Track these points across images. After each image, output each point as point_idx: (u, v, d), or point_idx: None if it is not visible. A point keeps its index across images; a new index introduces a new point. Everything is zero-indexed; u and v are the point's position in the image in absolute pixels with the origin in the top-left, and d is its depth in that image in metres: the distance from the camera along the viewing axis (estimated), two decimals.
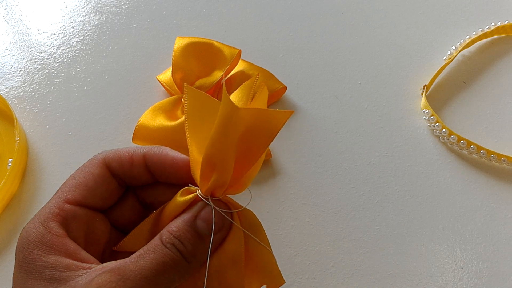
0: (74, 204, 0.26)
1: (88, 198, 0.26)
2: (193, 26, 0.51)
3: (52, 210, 0.25)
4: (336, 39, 0.51)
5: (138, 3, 0.53)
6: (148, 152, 0.27)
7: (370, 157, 0.43)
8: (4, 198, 0.39)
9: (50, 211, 0.25)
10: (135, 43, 0.50)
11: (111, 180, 0.27)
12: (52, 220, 0.25)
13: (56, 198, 0.26)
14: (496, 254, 0.39)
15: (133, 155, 0.27)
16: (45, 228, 0.24)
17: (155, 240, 0.24)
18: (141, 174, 0.27)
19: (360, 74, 0.48)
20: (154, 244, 0.24)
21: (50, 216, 0.25)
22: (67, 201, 0.26)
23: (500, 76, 0.49)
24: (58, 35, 0.50)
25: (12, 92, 0.46)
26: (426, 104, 0.45)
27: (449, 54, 0.49)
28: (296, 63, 0.49)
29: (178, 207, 0.26)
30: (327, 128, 0.45)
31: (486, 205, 0.41)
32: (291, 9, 0.53)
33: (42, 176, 0.42)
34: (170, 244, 0.24)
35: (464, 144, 0.43)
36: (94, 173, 0.27)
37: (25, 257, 0.23)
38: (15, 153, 0.40)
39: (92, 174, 0.27)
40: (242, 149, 0.25)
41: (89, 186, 0.26)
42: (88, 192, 0.26)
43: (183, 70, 0.43)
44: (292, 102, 0.46)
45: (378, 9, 0.53)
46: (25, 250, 0.24)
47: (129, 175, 0.27)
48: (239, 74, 0.45)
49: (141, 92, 0.46)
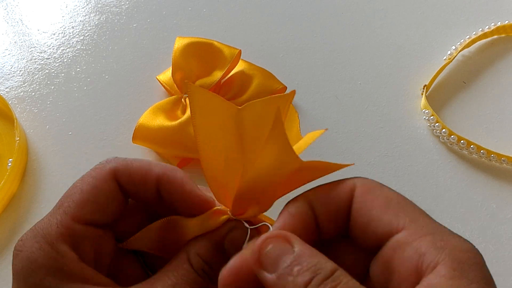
0: (83, 223, 0.24)
1: (97, 215, 0.24)
2: (193, 26, 0.51)
3: (59, 229, 0.23)
4: (336, 39, 0.51)
5: (138, 3, 0.53)
6: (163, 177, 0.25)
7: (370, 157, 0.43)
8: (4, 198, 0.39)
9: (58, 230, 0.23)
10: (135, 43, 0.50)
11: (120, 196, 0.25)
12: (61, 241, 0.23)
13: (62, 214, 0.24)
14: (496, 254, 0.39)
15: (145, 175, 0.25)
16: (56, 251, 0.22)
17: (182, 261, 0.23)
18: (150, 196, 0.25)
19: (360, 74, 0.48)
20: (183, 269, 0.23)
21: (59, 237, 0.23)
22: (75, 219, 0.23)
23: (500, 76, 0.49)
24: (58, 35, 0.50)
25: (12, 92, 0.46)
26: (426, 104, 0.45)
27: (449, 54, 0.49)
28: (296, 63, 0.49)
29: (205, 227, 0.24)
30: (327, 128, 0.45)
31: (486, 205, 0.41)
32: (291, 9, 0.53)
33: (42, 176, 0.42)
34: (201, 270, 0.23)
35: (464, 144, 0.43)
36: (103, 188, 0.24)
37: (37, 284, 0.21)
38: (15, 153, 0.40)
39: (102, 190, 0.24)
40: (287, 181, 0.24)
41: (99, 203, 0.24)
42: (98, 210, 0.24)
43: (183, 70, 0.43)
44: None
45: (378, 9, 0.53)
46: (35, 276, 0.21)
47: (138, 194, 0.25)
48: (239, 74, 0.45)
49: (141, 92, 0.46)
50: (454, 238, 0.20)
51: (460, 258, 0.19)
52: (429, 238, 0.20)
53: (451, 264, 0.19)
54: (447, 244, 0.20)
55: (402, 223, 0.21)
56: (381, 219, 0.21)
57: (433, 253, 0.19)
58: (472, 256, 0.20)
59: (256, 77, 0.45)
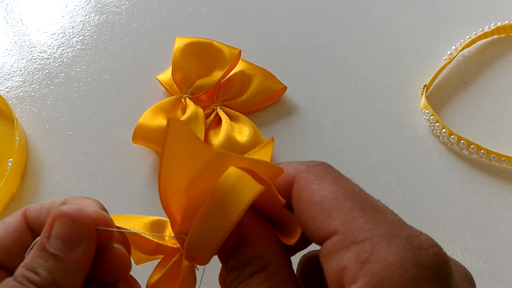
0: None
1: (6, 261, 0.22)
2: (193, 26, 0.51)
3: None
4: (336, 39, 0.51)
5: (138, 3, 0.53)
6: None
7: (370, 157, 0.43)
8: (4, 198, 0.39)
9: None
10: (135, 43, 0.50)
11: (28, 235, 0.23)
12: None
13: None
14: (496, 254, 0.39)
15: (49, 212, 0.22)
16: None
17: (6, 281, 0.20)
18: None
19: (360, 74, 0.48)
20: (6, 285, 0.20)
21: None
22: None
23: (500, 76, 0.49)
24: (58, 35, 0.50)
25: (12, 92, 0.46)
26: (426, 104, 0.45)
27: (449, 54, 0.49)
28: (296, 63, 0.49)
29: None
30: (327, 128, 0.45)
31: (486, 205, 0.41)
32: (291, 9, 0.53)
33: (42, 176, 0.42)
34: (22, 278, 0.20)
35: (464, 144, 0.43)
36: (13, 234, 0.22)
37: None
38: (15, 153, 0.40)
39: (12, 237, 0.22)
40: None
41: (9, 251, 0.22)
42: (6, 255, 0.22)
43: (183, 70, 0.43)
44: (292, 102, 0.46)
45: (378, 9, 0.53)
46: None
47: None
48: (239, 74, 0.45)
49: (141, 92, 0.46)
50: (390, 245, 0.17)
51: (380, 276, 0.16)
52: (356, 247, 0.17)
53: (364, 284, 0.16)
54: (373, 256, 0.17)
55: (333, 227, 0.18)
56: (314, 223, 0.18)
57: (353, 267, 0.17)
58: (399, 273, 0.16)
59: (256, 77, 0.45)
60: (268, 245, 0.20)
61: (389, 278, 0.16)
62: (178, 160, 0.20)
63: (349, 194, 0.19)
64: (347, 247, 0.17)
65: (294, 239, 0.20)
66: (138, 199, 0.41)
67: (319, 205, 0.18)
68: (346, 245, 0.17)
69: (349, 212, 0.18)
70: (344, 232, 0.18)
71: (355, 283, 0.16)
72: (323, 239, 0.18)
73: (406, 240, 0.17)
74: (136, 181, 0.41)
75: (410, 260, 0.16)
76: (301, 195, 0.19)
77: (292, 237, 0.20)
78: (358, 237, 0.17)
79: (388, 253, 0.16)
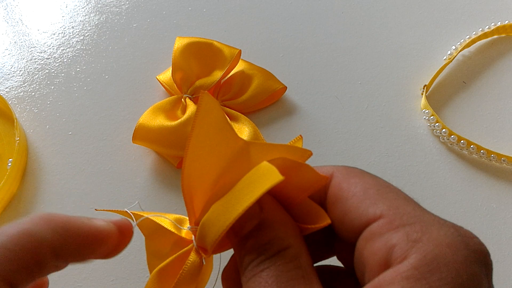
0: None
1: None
2: (193, 26, 0.51)
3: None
4: (336, 39, 0.51)
5: (138, 3, 0.53)
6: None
7: (370, 157, 0.43)
8: (4, 198, 0.39)
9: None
10: (135, 43, 0.50)
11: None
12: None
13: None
14: (496, 254, 0.39)
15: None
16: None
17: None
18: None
19: (360, 74, 0.48)
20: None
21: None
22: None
23: (500, 76, 0.49)
24: (58, 35, 0.50)
25: (12, 92, 0.46)
26: (426, 104, 0.45)
27: (449, 54, 0.49)
28: (296, 63, 0.49)
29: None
30: (327, 128, 0.45)
31: (486, 205, 0.41)
32: (291, 9, 0.53)
33: (42, 176, 0.42)
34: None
35: (464, 144, 0.43)
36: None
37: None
38: (15, 153, 0.40)
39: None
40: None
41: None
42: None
43: (183, 70, 0.43)
44: (292, 102, 0.46)
45: (378, 9, 0.53)
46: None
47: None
48: (239, 74, 0.45)
49: (141, 92, 0.46)
50: (440, 229, 0.17)
51: (433, 253, 0.16)
52: (406, 228, 0.17)
53: (418, 260, 0.16)
54: (425, 236, 0.17)
55: (379, 212, 0.18)
56: (357, 210, 0.19)
57: (404, 246, 0.17)
58: (452, 252, 0.16)
59: (256, 77, 0.45)
60: (290, 230, 0.20)
61: (442, 256, 0.16)
62: (206, 149, 0.20)
63: (391, 188, 0.19)
64: (396, 228, 0.18)
65: (319, 226, 0.20)
66: (138, 199, 0.41)
67: (363, 194, 0.19)
68: (395, 226, 0.18)
69: (394, 200, 0.19)
70: (392, 215, 0.18)
71: (407, 259, 0.17)
72: (366, 225, 0.19)
73: (453, 228, 0.18)
74: (136, 181, 0.41)
75: (460, 243, 0.17)
76: (341, 187, 0.20)
77: (314, 227, 0.20)
78: (407, 220, 0.18)
79: (439, 234, 0.17)
